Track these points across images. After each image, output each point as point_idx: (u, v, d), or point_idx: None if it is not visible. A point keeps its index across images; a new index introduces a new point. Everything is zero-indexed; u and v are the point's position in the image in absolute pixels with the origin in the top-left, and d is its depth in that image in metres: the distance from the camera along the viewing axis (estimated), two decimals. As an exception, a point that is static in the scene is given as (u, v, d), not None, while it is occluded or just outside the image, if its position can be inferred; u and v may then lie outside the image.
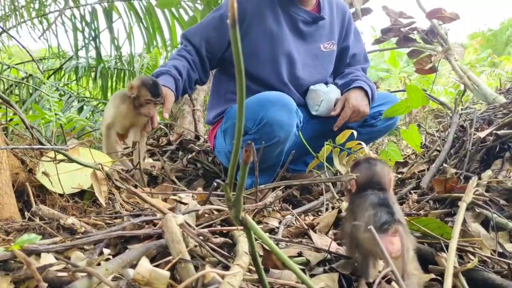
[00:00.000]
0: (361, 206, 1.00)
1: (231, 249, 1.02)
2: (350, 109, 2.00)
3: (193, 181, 2.34)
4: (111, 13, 4.39)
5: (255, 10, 2.01)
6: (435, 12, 2.75)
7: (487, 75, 5.87)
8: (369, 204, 0.96)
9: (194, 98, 3.01)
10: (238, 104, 0.61)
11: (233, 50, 0.58)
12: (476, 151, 1.66)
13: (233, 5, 0.54)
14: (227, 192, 0.73)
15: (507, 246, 1.22)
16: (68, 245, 0.76)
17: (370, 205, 0.95)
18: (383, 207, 0.94)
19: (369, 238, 0.85)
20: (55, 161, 1.15)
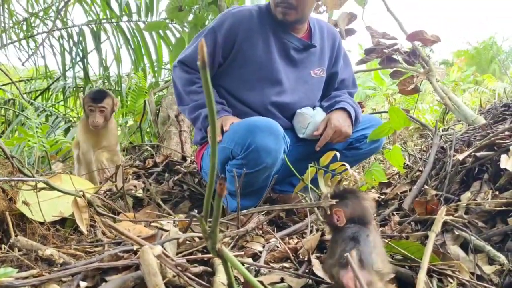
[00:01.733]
0: (336, 242, 1.01)
1: (211, 277, 1.02)
2: (332, 130, 2.03)
3: (179, 203, 2.33)
4: (99, 34, 4.43)
5: (245, 37, 2.03)
6: (415, 35, 2.82)
7: (471, 93, 5.99)
8: (341, 240, 0.98)
9: (181, 119, 3.02)
10: (211, 144, 0.62)
11: (204, 91, 0.60)
12: (455, 172, 1.69)
13: (202, 48, 0.56)
14: (203, 224, 0.74)
15: (485, 269, 1.24)
16: (45, 278, 0.75)
17: (343, 241, 0.97)
18: (352, 242, 0.95)
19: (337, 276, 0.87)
20: (36, 189, 1.15)
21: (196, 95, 2.08)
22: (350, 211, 1.07)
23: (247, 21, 2.05)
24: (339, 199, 1.11)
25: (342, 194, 1.13)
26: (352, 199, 1.10)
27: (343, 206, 1.09)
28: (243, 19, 2.05)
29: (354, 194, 1.12)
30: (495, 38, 12.81)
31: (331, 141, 2.06)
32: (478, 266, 1.24)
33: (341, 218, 1.06)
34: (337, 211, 1.07)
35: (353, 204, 1.09)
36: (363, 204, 1.09)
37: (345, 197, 1.11)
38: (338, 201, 1.10)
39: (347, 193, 1.13)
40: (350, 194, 1.12)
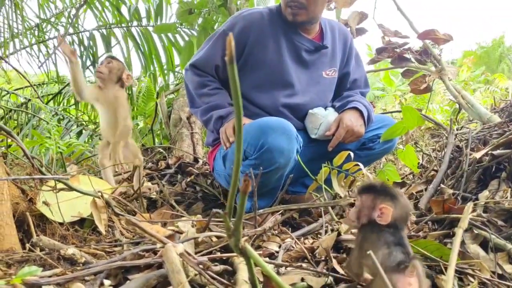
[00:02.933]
0: (373, 243, 0.93)
1: (231, 276, 1.02)
2: (344, 129, 2.02)
3: (192, 204, 2.34)
4: (109, 39, 4.47)
5: (257, 40, 2.03)
6: (427, 34, 2.81)
7: (482, 92, 5.94)
8: (383, 242, 0.91)
9: (193, 121, 3.04)
10: (236, 140, 0.63)
11: (231, 85, 0.60)
12: (472, 171, 1.68)
13: (230, 43, 0.57)
14: (227, 222, 0.74)
15: (506, 268, 1.22)
16: (69, 277, 0.76)
17: (385, 244, 0.90)
18: (398, 246, 0.90)
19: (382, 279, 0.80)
20: (55, 190, 1.16)
21: (207, 97, 2.09)
22: (397, 212, 0.97)
23: (258, 24, 2.05)
24: (386, 195, 0.99)
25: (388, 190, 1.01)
26: (401, 200, 0.99)
27: (392, 204, 0.98)
28: (254, 22, 2.05)
29: (401, 194, 1.01)
30: (504, 37, 12.71)
31: (344, 141, 2.05)
32: (499, 265, 1.22)
33: (385, 217, 0.96)
34: (385, 208, 0.96)
35: (402, 205, 0.99)
36: (409, 207, 1.01)
37: (394, 195, 0.99)
38: (386, 197, 0.99)
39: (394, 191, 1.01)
40: (398, 193, 1.00)
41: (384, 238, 0.91)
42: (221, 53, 2.06)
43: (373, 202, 0.99)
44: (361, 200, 1.03)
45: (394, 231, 0.94)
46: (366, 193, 1.02)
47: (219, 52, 2.05)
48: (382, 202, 0.97)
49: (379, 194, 0.99)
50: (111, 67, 2.34)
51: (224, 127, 1.99)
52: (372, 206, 0.99)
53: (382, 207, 0.96)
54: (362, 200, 1.02)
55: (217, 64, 2.08)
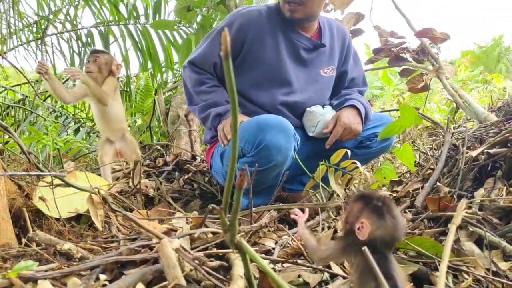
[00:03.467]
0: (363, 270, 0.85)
1: (227, 273, 1.03)
2: (341, 127, 2.02)
3: (190, 202, 2.34)
4: (107, 36, 4.46)
5: (255, 37, 2.03)
6: (425, 32, 2.81)
7: (480, 92, 5.95)
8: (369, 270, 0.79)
9: (191, 119, 3.03)
10: (232, 135, 0.63)
11: (226, 81, 0.60)
12: (468, 169, 1.68)
13: (225, 38, 0.57)
14: (222, 217, 0.74)
15: (501, 265, 1.23)
16: (65, 271, 0.76)
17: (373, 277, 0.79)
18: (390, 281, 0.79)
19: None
20: (52, 186, 1.16)
21: (205, 95, 2.09)
22: (379, 233, 0.86)
23: (256, 22, 2.05)
24: (375, 211, 0.89)
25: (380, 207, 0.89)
26: (389, 221, 0.87)
27: (376, 222, 0.87)
28: (252, 20, 2.05)
29: (394, 216, 0.89)
30: (502, 37, 12.73)
31: (341, 138, 2.05)
32: (493, 262, 1.23)
33: (362, 232, 0.87)
34: (365, 223, 0.87)
35: (387, 227, 0.87)
36: (396, 232, 0.88)
37: (382, 214, 0.88)
38: (373, 213, 0.89)
39: (387, 209, 0.89)
40: (391, 214, 0.89)
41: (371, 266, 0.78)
42: (219, 51, 2.06)
43: (359, 212, 0.91)
44: (351, 207, 0.95)
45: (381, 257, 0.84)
46: (359, 200, 0.94)
47: (217, 49, 2.06)
48: (366, 216, 0.88)
49: (369, 207, 0.90)
50: (99, 63, 2.36)
51: (222, 124, 1.99)
52: (357, 216, 0.91)
53: (362, 221, 0.88)
54: (353, 207, 0.95)
55: (215, 61, 2.08)
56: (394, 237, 0.88)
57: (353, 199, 0.97)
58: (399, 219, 0.89)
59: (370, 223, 0.86)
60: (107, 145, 2.22)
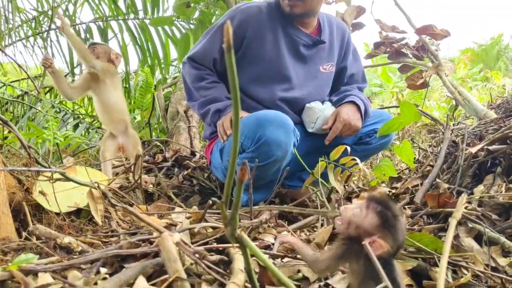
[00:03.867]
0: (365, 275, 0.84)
1: (227, 267, 1.03)
2: (341, 123, 2.02)
3: (189, 198, 2.34)
4: (106, 32, 4.45)
5: (255, 34, 2.03)
6: (425, 29, 2.81)
7: (479, 89, 5.96)
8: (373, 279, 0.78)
9: (190, 115, 3.03)
10: (233, 126, 0.63)
11: (229, 74, 0.60)
12: (468, 166, 1.69)
13: (228, 30, 0.57)
14: (223, 210, 0.74)
15: (500, 261, 1.23)
16: (65, 264, 0.76)
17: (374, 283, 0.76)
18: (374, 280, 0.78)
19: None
20: (51, 180, 1.16)
21: (205, 90, 2.08)
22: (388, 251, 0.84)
23: (256, 18, 2.05)
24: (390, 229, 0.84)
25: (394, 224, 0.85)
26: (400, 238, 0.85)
27: (390, 243, 0.84)
28: (252, 16, 2.05)
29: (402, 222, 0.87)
30: (502, 35, 12.73)
31: (341, 134, 2.05)
32: (492, 258, 1.23)
33: (374, 249, 0.81)
34: (379, 243, 0.83)
35: (397, 242, 0.85)
36: (404, 239, 0.88)
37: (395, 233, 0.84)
38: (388, 232, 0.84)
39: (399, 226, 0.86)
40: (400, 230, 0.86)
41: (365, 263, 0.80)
42: (219, 46, 2.05)
43: (373, 228, 0.85)
44: (364, 214, 0.88)
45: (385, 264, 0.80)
46: (373, 211, 0.87)
47: (217, 45, 2.05)
48: (383, 236, 0.84)
49: (386, 226, 0.85)
50: (97, 52, 2.36)
51: (222, 120, 1.99)
52: (369, 230, 0.85)
53: (376, 241, 0.83)
54: (365, 215, 0.88)
55: (215, 57, 2.08)
56: (399, 248, 0.88)
57: (366, 203, 0.90)
58: (404, 227, 0.88)
59: (386, 245, 0.83)
60: (109, 140, 2.22)
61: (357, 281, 0.85)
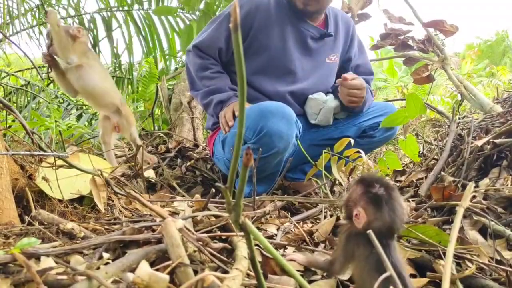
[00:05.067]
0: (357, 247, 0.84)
1: (230, 255, 1.02)
2: (360, 82, 2.01)
3: (192, 188, 2.34)
4: (110, 23, 4.43)
5: (262, 25, 2.01)
6: (435, 24, 2.77)
7: (485, 85, 5.92)
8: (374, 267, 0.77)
9: (193, 106, 3.02)
10: (239, 112, 0.62)
11: (235, 55, 0.59)
12: (473, 159, 1.67)
13: (235, 9, 0.55)
14: (227, 196, 0.73)
15: (504, 254, 1.22)
16: (68, 249, 0.76)
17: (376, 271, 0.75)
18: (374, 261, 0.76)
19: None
20: (54, 167, 1.16)
21: (208, 80, 2.07)
22: (375, 224, 0.83)
23: (264, 9, 2.03)
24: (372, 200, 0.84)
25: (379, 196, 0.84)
26: (385, 213, 0.83)
27: (372, 212, 0.83)
28: (260, 6, 2.03)
29: (392, 207, 0.84)
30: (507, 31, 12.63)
31: (350, 95, 2.02)
32: (497, 251, 1.22)
33: (357, 221, 0.83)
34: (361, 213, 0.84)
35: (383, 218, 0.83)
36: (394, 223, 0.83)
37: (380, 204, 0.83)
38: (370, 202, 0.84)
39: (386, 199, 0.84)
40: (389, 204, 0.84)
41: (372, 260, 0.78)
42: (225, 36, 2.04)
43: (358, 199, 0.86)
44: (352, 189, 0.91)
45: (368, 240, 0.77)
46: (360, 184, 0.89)
47: (224, 34, 2.04)
48: (363, 205, 0.84)
49: (367, 195, 0.85)
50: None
51: (224, 111, 1.98)
52: (356, 202, 0.87)
53: (358, 210, 0.84)
54: (354, 190, 0.90)
55: (221, 47, 2.06)
56: (392, 228, 0.84)
57: (355, 181, 0.93)
58: (398, 211, 0.84)
59: (365, 214, 0.83)
60: (105, 122, 2.15)
61: (359, 266, 0.85)
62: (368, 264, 0.80)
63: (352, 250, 0.86)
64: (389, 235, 0.84)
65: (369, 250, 0.79)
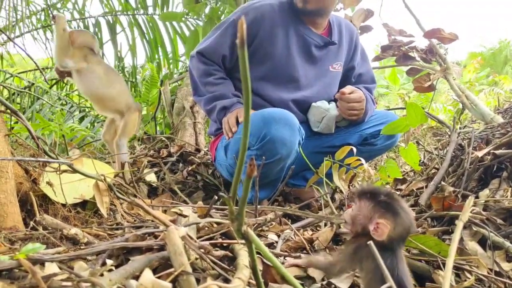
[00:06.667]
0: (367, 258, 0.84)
1: (231, 262, 1.03)
2: (359, 94, 2.04)
3: (193, 193, 2.35)
4: (115, 26, 4.46)
5: (267, 34, 2.03)
6: (433, 33, 2.80)
7: (486, 94, 5.93)
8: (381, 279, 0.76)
9: (196, 111, 3.04)
10: (244, 121, 0.63)
11: (241, 70, 0.60)
12: (474, 170, 1.68)
13: (242, 26, 0.57)
14: (230, 205, 0.75)
15: (503, 265, 1.23)
16: (73, 255, 0.77)
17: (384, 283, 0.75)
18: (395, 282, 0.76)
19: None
20: (58, 171, 1.17)
21: (212, 86, 2.08)
22: (396, 231, 0.84)
23: (269, 17, 2.04)
24: (387, 209, 0.86)
25: (391, 203, 0.87)
26: (403, 216, 0.85)
27: (392, 221, 0.84)
28: (265, 15, 2.04)
29: (405, 209, 0.87)
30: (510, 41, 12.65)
31: (349, 108, 2.05)
32: (496, 262, 1.23)
33: (380, 233, 0.84)
34: (382, 224, 0.84)
35: (403, 223, 0.85)
36: (411, 225, 0.87)
37: (396, 210, 0.85)
38: (387, 211, 0.86)
39: (397, 204, 0.87)
40: (401, 208, 0.87)
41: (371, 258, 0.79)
42: (229, 42, 2.05)
43: (371, 212, 0.87)
44: (359, 205, 0.91)
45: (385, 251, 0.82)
46: (365, 199, 0.90)
47: (228, 41, 2.05)
48: (381, 216, 0.85)
49: (380, 206, 0.86)
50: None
51: (227, 117, 1.99)
52: (369, 216, 0.87)
53: (379, 222, 0.84)
54: (361, 205, 0.90)
55: (225, 53, 2.07)
56: (410, 231, 0.87)
57: (357, 197, 0.94)
58: (409, 211, 0.88)
59: (388, 223, 0.83)
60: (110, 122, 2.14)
61: (367, 278, 0.85)
62: (376, 276, 0.81)
63: (359, 261, 0.87)
64: (404, 240, 0.87)
65: (375, 263, 0.79)
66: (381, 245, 0.84)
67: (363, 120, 2.15)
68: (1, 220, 0.96)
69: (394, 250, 0.86)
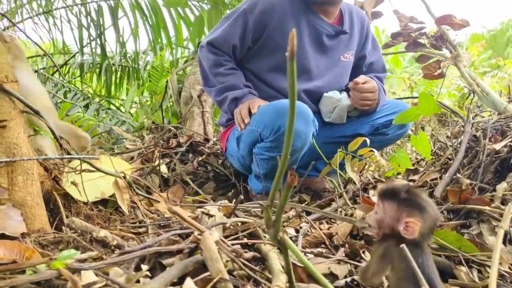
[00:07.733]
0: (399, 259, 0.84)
1: (258, 263, 1.04)
2: (372, 84, 2.03)
3: (204, 184, 2.36)
4: (117, 11, 4.38)
5: (277, 24, 2.00)
6: (444, 19, 2.76)
7: (491, 77, 5.90)
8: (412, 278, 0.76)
9: (204, 100, 3.01)
10: (287, 130, 0.62)
11: (288, 83, 0.59)
12: (490, 162, 1.68)
13: (292, 39, 0.55)
14: (268, 212, 0.75)
15: (524, 261, 1.24)
16: (109, 262, 0.77)
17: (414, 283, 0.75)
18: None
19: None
20: (80, 170, 1.16)
21: (223, 77, 2.06)
22: (426, 226, 0.85)
23: (279, 7, 2.01)
24: (413, 206, 0.86)
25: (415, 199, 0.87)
26: (430, 210, 0.86)
27: (421, 217, 0.84)
28: (275, 5, 2.01)
29: (429, 203, 0.88)
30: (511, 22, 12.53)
31: (362, 98, 2.04)
32: (517, 257, 1.24)
33: (411, 231, 0.84)
34: (412, 222, 0.84)
35: (431, 217, 0.85)
36: (437, 217, 0.88)
37: (422, 206, 0.86)
38: (413, 209, 0.85)
39: (421, 200, 0.88)
40: (426, 202, 0.87)
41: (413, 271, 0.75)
42: (240, 33, 2.02)
43: (398, 212, 0.87)
44: (383, 207, 0.90)
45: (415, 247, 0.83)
46: (389, 200, 0.89)
47: (238, 31, 2.02)
48: (409, 214, 0.85)
49: (405, 204, 0.86)
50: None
51: (239, 108, 1.98)
52: (397, 217, 0.87)
53: (408, 221, 0.84)
54: (385, 207, 0.90)
55: (235, 44, 2.05)
56: (436, 222, 0.88)
57: (379, 199, 0.93)
58: (431, 202, 0.88)
59: (417, 220, 0.83)
60: None
61: (397, 277, 0.86)
62: (406, 274, 0.82)
63: (391, 262, 0.87)
64: (433, 231, 0.88)
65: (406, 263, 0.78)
66: (411, 242, 0.84)
67: (375, 110, 2.14)
68: (29, 222, 0.96)
69: (423, 245, 0.86)
